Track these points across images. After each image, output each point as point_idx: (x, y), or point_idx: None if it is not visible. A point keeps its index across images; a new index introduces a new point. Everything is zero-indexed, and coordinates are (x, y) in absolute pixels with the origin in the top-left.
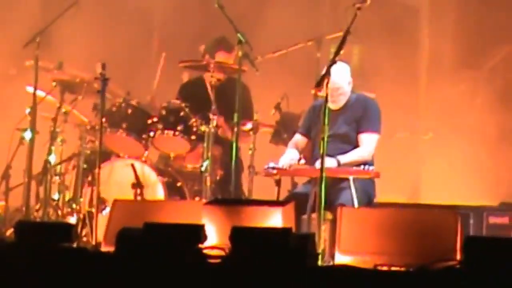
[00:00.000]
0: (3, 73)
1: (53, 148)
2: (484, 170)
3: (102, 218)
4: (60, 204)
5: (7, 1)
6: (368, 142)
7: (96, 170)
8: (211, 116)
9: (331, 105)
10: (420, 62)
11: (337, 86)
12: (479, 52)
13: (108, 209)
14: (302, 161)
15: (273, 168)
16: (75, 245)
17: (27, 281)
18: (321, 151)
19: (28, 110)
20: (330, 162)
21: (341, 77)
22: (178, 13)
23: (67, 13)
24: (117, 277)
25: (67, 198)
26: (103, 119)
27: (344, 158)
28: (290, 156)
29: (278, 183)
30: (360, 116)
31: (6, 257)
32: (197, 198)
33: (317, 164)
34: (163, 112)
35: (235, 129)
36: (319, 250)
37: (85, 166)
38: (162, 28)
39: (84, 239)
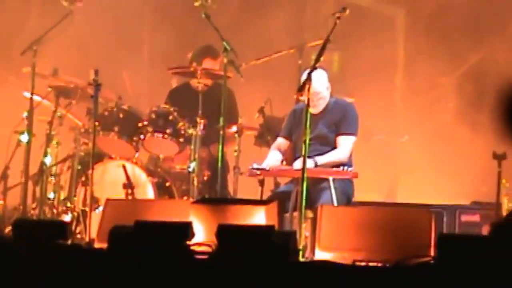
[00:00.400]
0: (2, 79)
1: (49, 150)
2: (457, 171)
3: (95, 217)
4: (56, 203)
5: (7, 10)
6: (345, 144)
7: (90, 171)
8: (198, 120)
9: (311, 110)
10: (396, 69)
11: (317, 91)
12: (452, 60)
13: (101, 208)
14: (284, 162)
15: (257, 169)
16: (69, 242)
17: (25, 276)
18: (303, 153)
19: (25, 114)
20: (307, 163)
21: (320, 83)
22: (167, 22)
23: (62, 23)
24: (110, 272)
25: (62, 198)
26: (96, 123)
27: (321, 159)
28: (275, 158)
29: (261, 183)
30: (339, 119)
31: (4, 253)
32: (185, 198)
33: (295, 165)
34: (153, 116)
35: (221, 132)
36: (301, 247)
37: (79, 167)
38: (152, 36)
39: (78, 236)
